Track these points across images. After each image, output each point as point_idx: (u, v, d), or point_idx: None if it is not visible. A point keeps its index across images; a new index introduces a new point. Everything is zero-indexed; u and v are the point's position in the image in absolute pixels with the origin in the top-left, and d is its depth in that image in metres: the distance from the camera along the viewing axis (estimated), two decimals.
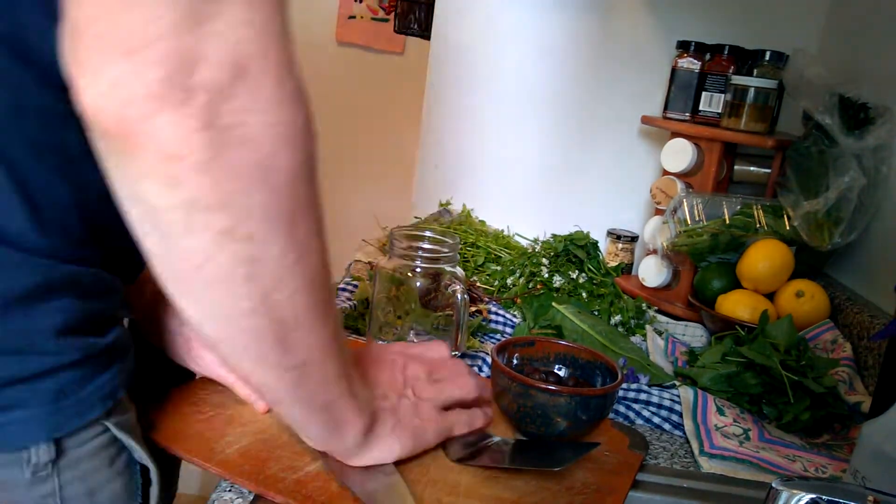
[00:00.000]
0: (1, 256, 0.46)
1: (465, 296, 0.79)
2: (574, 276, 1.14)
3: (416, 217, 1.51)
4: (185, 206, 0.38)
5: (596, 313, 1.06)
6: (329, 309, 0.49)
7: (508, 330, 1.00)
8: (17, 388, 0.46)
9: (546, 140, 1.45)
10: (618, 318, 1.07)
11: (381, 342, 0.82)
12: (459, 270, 0.83)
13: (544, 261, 1.18)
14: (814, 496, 0.46)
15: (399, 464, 0.61)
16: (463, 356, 0.87)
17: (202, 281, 0.42)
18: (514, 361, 0.75)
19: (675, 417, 0.81)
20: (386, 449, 0.59)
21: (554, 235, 1.28)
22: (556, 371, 0.76)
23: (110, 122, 0.36)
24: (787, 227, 1.08)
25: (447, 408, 0.66)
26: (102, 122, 0.37)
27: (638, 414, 0.81)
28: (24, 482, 0.47)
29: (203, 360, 0.69)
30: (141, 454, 0.55)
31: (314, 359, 0.49)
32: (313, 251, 0.45)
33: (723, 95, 1.18)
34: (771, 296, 1.06)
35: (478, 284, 1.11)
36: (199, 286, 0.42)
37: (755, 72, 1.17)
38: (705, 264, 1.12)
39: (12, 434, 0.47)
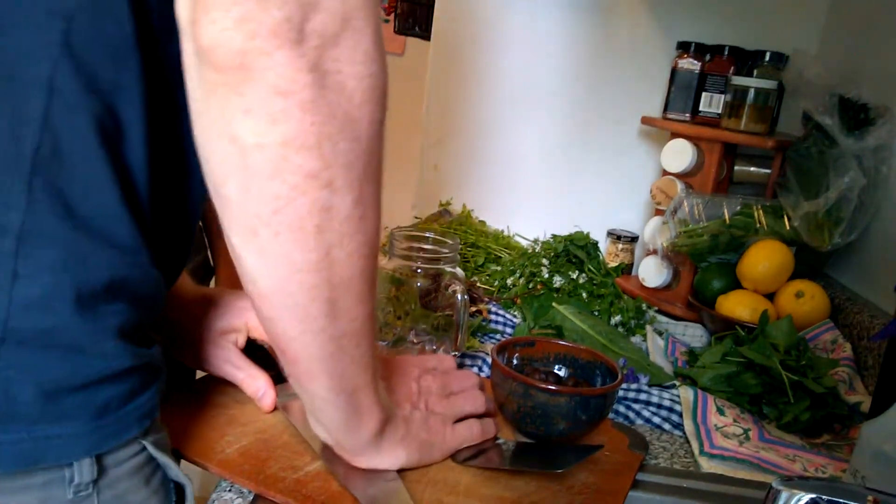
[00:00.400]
0: (86, 245, 0.45)
1: (466, 296, 0.79)
2: (574, 276, 1.14)
3: (416, 217, 1.51)
4: (280, 144, 0.40)
5: (596, 313, 1.06)
6: (375, 282, 0.50)
7: (508, 330, 1.00)
8: (70, 398, 0.45)
9: (546, 140, 1.45)
10: (618, 318, 1.07)
11: (380, 343, 0.82)
12: (459, 271, 0.83)
13: (544, 261, 1.18)
14: (814, 496, 0.46)
15: None
16: (463, 356, 0.87)
17: (275, 227, 0.43)
18: (515, 361, 0.75)
19: (675, 417, 0.81)
20: (392, 457, 0.59)
21: (554, 236, 1.28)
22: (556, 371, 0.76)
23: (230, 55, 0.39)
24: (787, 228, 1.08)
25: (456, 420, 0.66)
26: (222, 56, 0.39)
27: (638, 414, 0.81)
28: (64, 502, 0.47)
29: (213, 358, 0.69)
30: (177, 472, 0.54)
31: (356, 331, 0.50)
32: (375, 213, 0.47)
33: (723, 96, 1.18)
34: (771, 296, 1.06)
35: (478, 285, 1.11)
36: (269, 233, 0.43)
37: (755, 72, 1.17)
38: (705, 265, 1.12)
39: (57, 448, 0.45)
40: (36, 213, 0.43)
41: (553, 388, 0.65)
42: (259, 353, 0.70)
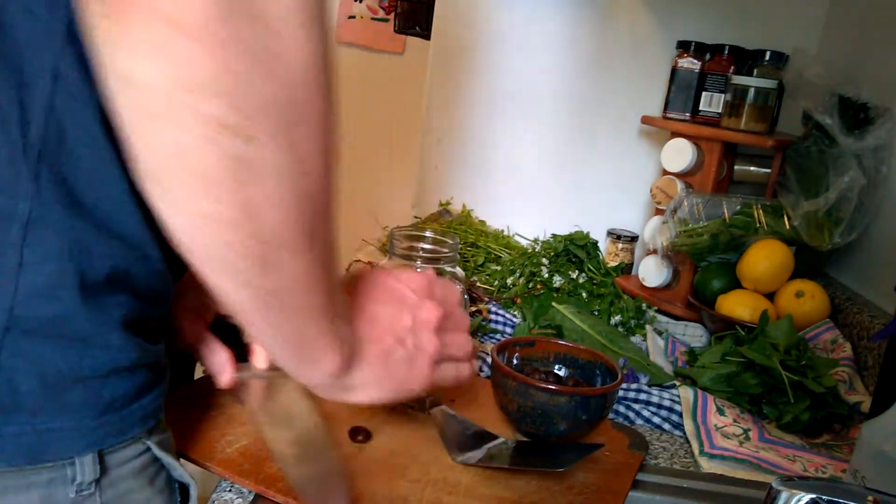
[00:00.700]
0: (91, 235, 0.44)
1: (466, 296, 0.79)
2: (574, 276, 1.14)
3: (416, 217, 1.51)
4: (177, 85, 0.34)
5: (596, 313, 1.06)
6: (320, 231, 0.44)
7: (508, 330, 1.00)
8: (73, 390, 0.45)
9: (546, 140, 1.45)
10: (618, 318, 1.07)
11: (414, 273, 0.76)
12: (459, 270, 0.83)
13: (544, 261, 1.18)
14: (814, 496, 0.46)
15: (399, 462, 0.61)
16: None
17: (183, 179, 0.37)
18: (515, 361, 0.75)
19: (674, 417, 0.81)
20: (363, 394, 0.55)
21: (554, 235, 1.28)
22: (556, 371, 0.76)
23: None
24: (787, 227, 1.08)
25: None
26: None
27: (638, 414, 0.81)
28: (67, 501, 0.46)
29: (186, 334, 0.64)
30: (181, 472, 0.53)
31: (296, 287, 0.45)
32: (316, 164, 0.41)
33: (723, 95, 1.18)
34: (771, 296, 1.06)
35: (478, 284, 1.11)
36: (178, 185, 0.38)
37: (755, 72, 1.17)
38: (705, 264, 1.12)
39: (59, 442, 0.45)
40: (43, 201, 0.43)
41: (553, 387, 0.65)
42: (228, 329, 0.68)
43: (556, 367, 0.76)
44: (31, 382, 0.43)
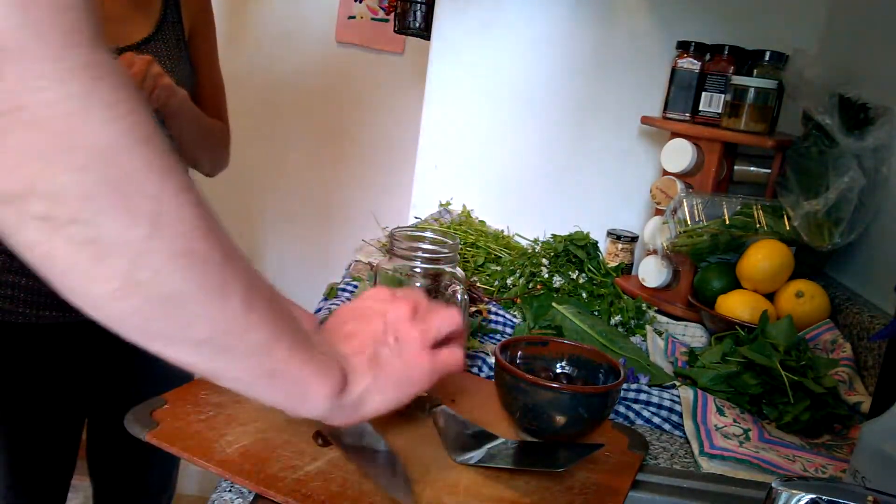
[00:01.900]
0: None
1: (465, 296, 0.79)
2: (574, 276, 1.14)
3: (416, 217, 1.51)
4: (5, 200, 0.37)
5: (596, 313, 1.06)
6: (231, 279, 0.45)
7: (508, 330, 1.00)
8: None
9: (546, 140, 1.45)
10: (618, 318, 1.07)
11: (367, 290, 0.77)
12: (459, 271, 0.83)
13: (544, 261, 1.18)
14: (814, 496, 0.46)
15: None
16: None
17: (59, 270, 0.40)
18: (518, 360, 0.75)
19: (674, 418, 0.81)
20: (368, 405, 0.56)
21: (554, 236, 1.28)
22: (558, 370, 0.76)
23: None
24: (787, 228, 1.08)
25: (438, 345, 0.61)
26: None
27: (638, 414, 0.81)
28: None
29: None
30: None
31: (230, 329, 0.46)
32: (175, 221, 0.41)
33: (723, 95, 1.18)
34: (771, 296, 1.06)
35: (478, 285, 1.11)
36: (58, 275, 0.40)
37: (755, 72, 1.17)
38: (705, 264, 1.12)
39: None
40: None
41: (555, 385, 0.65)
42: None
43: (559, 366, 0.76)
44: None
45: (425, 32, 1.64)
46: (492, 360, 0.86)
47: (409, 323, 0.59)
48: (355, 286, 1.03)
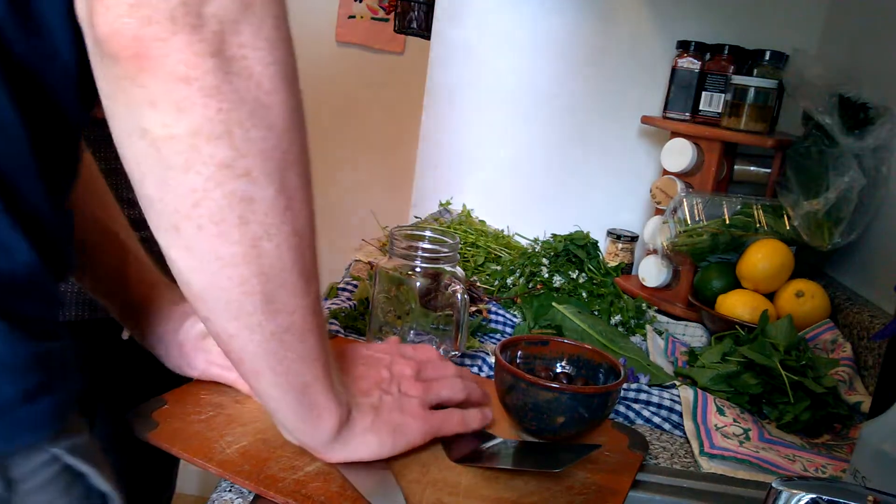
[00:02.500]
0: None
1: (466, 296, 0.79)
2: (574, 275, 1.14)
3: (416, 217, 1.51)
4: (189, 134, 0.40)
5: (596, 313, 1.06)
6: (313, 276, 0.49)
7: (508, 330, 1.00)
8: None
9: (546, 140, 1.45)
10: (618, 317, 1.07)
11: (380, 342, 0.82)
12: (459, 270, 0.83)
13: (544, 261, 1.17)
14: (814, 496, 0.46)
15: (399, 462, 0.61)
16: (463, 356, 0.87)
17: (196, 220, 0.42)
18: (518, 360, 0.75)
19: (675, 417, 0.80)
20: (363, 447, 0.58)
21: (554, 235, 1.28)
22: (558, 370, 0.76)
23: (126, 43, 0.38)
24: (787, 227, 1.08)
25: (437, 408, 0.65)
26: (118, 44, 0.38)
27: (638, 414, 0.81)
28: None
29: (197, 363, 0.69)
30: (99, 481, 0.50)
31: (296, 326, 0.49)
32: (302, 203, 0.46)
33: (723, 95, 1.18)
34: (771, 296, 1.06)
35: (478, 284, 1.11)
36: (192, 227, 0.42)
37: (755, 72, 1.17)
38: (705, 264, 1.12)
39: None
40: None
41: (555, 385, 0.65)
42: None
43: (559, 366, 0.76)
44: None
45: (425, 32, 1.64)
46: (492, 359, 0.86)
47: (412, 380, 0.64)
48: (355, 286, 1.03)
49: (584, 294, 1.11)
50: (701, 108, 1.21)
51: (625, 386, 0.83)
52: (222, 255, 0.43)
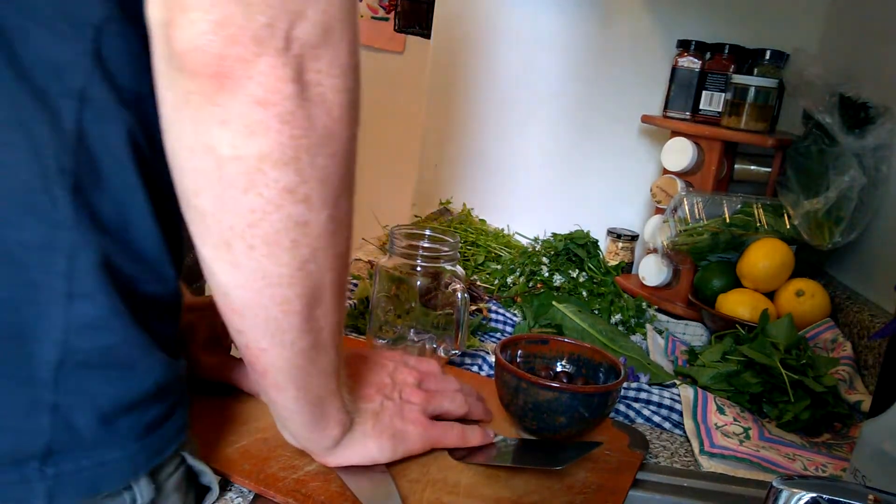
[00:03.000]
0: (122, 259, 0.44)
1: (466, 295, 0.79)
2: (574, 274, 1.14)
3: (416, 216, 1.51)
4: (257, 157, 0.39)
5: (596, 312, 1.06)
6: (345, 293, 0.50)
7: (509, 329, 1.00)
8: (124, 419, 0.45)
9: (546, 139, 1.45)
10: (618, 316, 1.07)
11: (380, 341, 0.82)
12: (460, 269, 0.83)
13: (544, 260, 1.17)
14: (814, 495, 0.46)
15: (399, 461, 0.61)
16: (463, 355, 0.87)
17: (250, 240, 0.42)
18: (519, 359, 0.75)
19: (675, 416, 0.80)
20: (362, 450, 0.58)
21: (554, 234, 1.28)
22: (558, 369, 0.76)
23: (207, 61, 0.37)
24: (788, 226, 1.08)
25: (437, 419, 0.65)
26: (198, 61, 0.37)
27: (638, 413, 0.81)
28: None
29: (203, 364, 0.69)
30: (210, 478, 0.54)
31: (324, 342, 0.49)
32: (348, 229, 0.47)
33: (723, 94, 1.18)
34: (771, 295, 1.06)
35: (478, 283, 1.11)
36: (244, 246, 0.42)
37: (755, 71, 1.17)
38: (705, 263, 1.12)
39: (114, 472, 0.44)
40: (82, 229, 0.42)
41: (555, 385, 0.65)
42: None
43: (560, 365, 0.76)
44: (87, 417, 0.43)
45: (425, 32, 1.64)
46: (492, 358, 0.86)
47: (414, 388, 0.64)
48: (355, 285, 1.03)
49: (584, 293, 1.11)
50: (701, 107, 1.21)
51: (625, 385, 0.83)
52: (269, 275, 0.43)
